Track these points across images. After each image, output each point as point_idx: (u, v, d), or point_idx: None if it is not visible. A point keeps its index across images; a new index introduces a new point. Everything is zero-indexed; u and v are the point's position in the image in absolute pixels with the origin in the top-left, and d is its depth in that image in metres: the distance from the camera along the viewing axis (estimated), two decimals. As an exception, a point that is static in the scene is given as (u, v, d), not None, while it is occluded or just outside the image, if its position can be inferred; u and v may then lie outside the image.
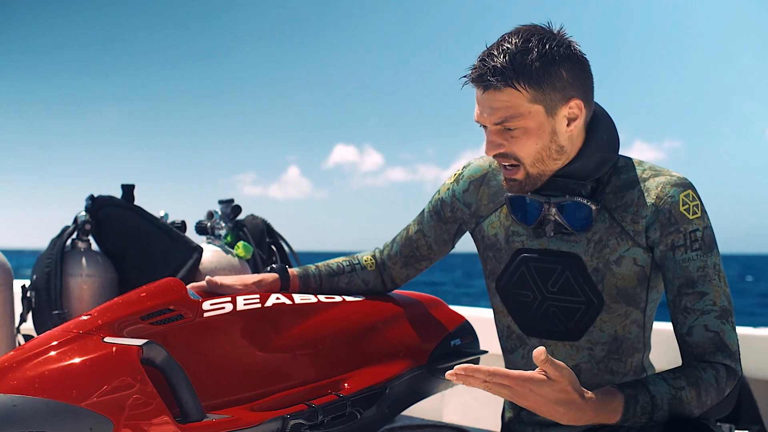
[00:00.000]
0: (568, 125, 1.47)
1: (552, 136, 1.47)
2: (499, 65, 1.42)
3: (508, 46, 1.43)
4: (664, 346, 2.29)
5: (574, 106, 1.47)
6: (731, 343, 1.43)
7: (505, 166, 1.51)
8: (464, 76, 1.49)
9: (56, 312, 2.07)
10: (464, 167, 1.75)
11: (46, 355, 1.24)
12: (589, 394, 1.31)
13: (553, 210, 1.51)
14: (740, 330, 2.54)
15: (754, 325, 2.66)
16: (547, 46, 1.43)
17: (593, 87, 1.51)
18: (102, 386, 1.21)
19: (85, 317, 1.35)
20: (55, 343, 1.27)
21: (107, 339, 1.29)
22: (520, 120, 1.44)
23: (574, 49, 1.47)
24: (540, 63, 1.42)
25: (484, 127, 1.51)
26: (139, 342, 1.27)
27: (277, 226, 2.50)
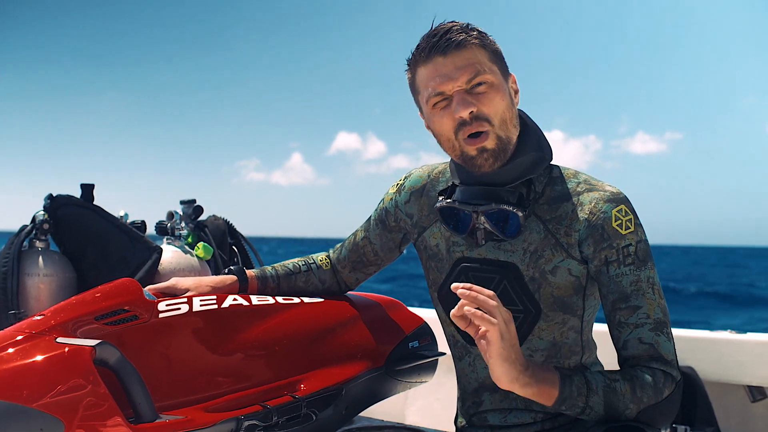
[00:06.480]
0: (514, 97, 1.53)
1: (510, 100, 1.50)
2: (456, 28, 1.47)
3: (450, 25, 1.49)
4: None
5: (514, 82, 1.53)
6: (666, 354, 1.44)
7: (474, 135, 1.47)
8: (414, 56, 1.50)
9: (12, 312, 2.04)
10: (405, 177, 1.75)
11: None
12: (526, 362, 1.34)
13: (482, 218, 1.51)
14: (694, 333, 2.58)
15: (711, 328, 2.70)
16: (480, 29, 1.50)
17: None
18: (54, 387, 1.19)
19: (38, 317, 1.34)
20: (6, 343, 1.26)
21: (60, 339, 1.27)
22: (488, 74, 1.47)
23: None
24: (485, 34, 1.49)
25: (444, 99, 1.48)
26: (93, 342, 1.26)
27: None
